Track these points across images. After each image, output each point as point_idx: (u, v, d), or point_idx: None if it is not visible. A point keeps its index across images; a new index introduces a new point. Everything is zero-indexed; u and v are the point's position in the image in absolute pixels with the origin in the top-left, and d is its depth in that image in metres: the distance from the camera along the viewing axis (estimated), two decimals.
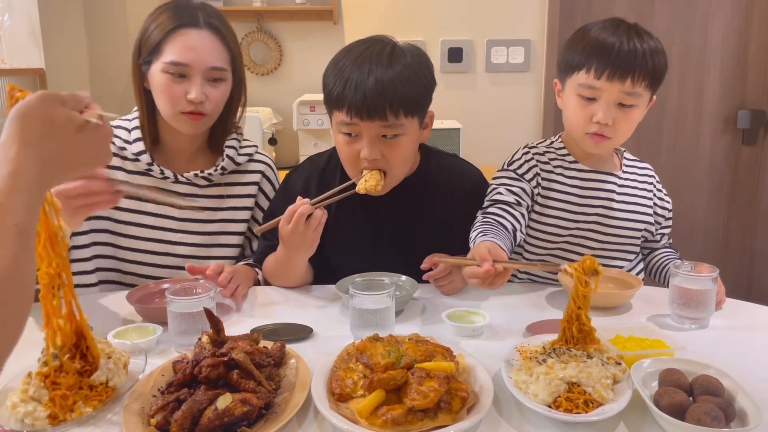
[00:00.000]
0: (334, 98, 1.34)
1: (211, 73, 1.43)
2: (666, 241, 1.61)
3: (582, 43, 1.37)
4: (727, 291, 1.35)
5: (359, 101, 1.30)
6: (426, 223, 1.50)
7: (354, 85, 1.30)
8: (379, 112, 1.30)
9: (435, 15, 2.94)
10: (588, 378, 0.92)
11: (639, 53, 1.32)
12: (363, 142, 1.35)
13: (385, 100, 1.30)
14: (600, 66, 1.33)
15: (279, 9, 2.88)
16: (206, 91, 1.43)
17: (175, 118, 1.45)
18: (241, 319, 1.31)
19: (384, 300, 1.14)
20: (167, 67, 1.41)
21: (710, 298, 1.24)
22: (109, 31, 2.94)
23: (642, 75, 1.33)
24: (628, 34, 1.34)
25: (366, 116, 1.31)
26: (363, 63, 1.32)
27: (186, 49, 1.40)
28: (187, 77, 1.42)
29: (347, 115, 1.32)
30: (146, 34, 1.44)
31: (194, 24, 1.42)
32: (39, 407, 0.89)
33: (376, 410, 0.87)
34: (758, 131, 2.95)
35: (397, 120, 1.32)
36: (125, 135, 1.52)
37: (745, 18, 2.87)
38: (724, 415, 0.85)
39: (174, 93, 1.42)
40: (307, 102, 2.63)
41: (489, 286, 1.15)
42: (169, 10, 1.44)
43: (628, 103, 1.35)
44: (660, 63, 1.35)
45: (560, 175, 1.48)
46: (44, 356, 0.94)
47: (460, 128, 2.64)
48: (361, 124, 1.33)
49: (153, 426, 0.86)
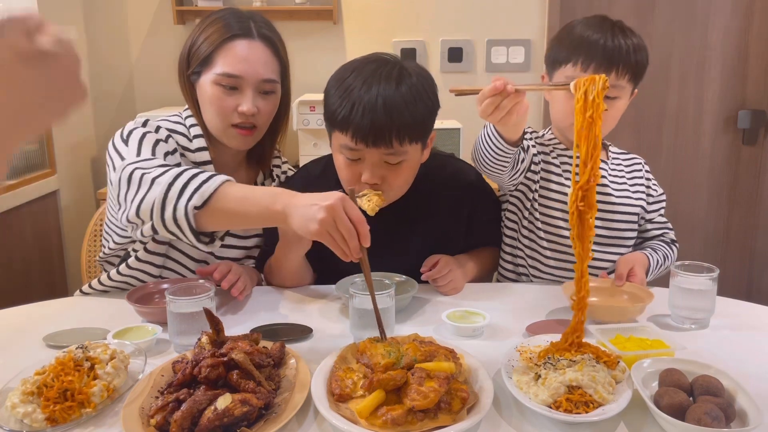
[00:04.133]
0: (339, 120, 1.30)
1: (263, 85, 1.40)
2: (660, 228, 1.60)
3: (569, 38, 1.43)
4: (727, 291, 1.35)
5: (365, 127, 1.26)
6: (424, 223, 1.50)
7: (361, 111, 1.26)
8: (386, 140, 1.28)
9: (435, 15, 2.94)
10: (591, 381, 0.92)
11: (623, 48, 1.38)
12: (364, 165, 1.33)
13: (392, 129, 1.27)
14: (586, 60, 1.39)
15: (279, 9, 2.87)
16: (258, 104, 1.39)
17: (225, 132, 1.41)
18: (241, 319, 1.31)
19: (384, 300, 1.14)
20: (219, 78, 1.36)
21: (710, 298, 1.24)
22: (109, 31, 2.93)
23: (625, 69, 1.39)
24: (612, 30, 1.40)
25: (371, 143, 1.28)
26: (371, 86, 1.28)
27: (238, 61, 1.36)
28: (239, 89, 1.38)
29: (352, 139, 1.29)
30: (196, 45, 1.40)
31: (247, 35, 1.38)
32: (38, 408, 0.89)
33: (376, 410, 0.87)
34: (758, 131, 2.95)
35: (401, 147, 1.30)
36: (184, 141, 1.43)
37: (745, 18, 2.86)
38: (724, 415, 0.85)
39: (225, 105, 1.38)
40: (307, 102, 2.63)
41: (499, 111, 1.14)
42: (220, 20, 1.40)
43: (612, 95, 1.41)
44: (642, 58, 1.42)
45: (555, 159, 1.54)
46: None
47: (460, 128, 2.63)
48: (365, 149, 1.30)
49: (153, 426, 0.86)
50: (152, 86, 2.94)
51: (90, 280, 1.62)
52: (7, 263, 2.30)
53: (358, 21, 2.94)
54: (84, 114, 2.93)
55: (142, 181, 1.22)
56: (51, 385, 0.91)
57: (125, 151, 1.33)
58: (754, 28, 2.87)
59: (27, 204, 2.41)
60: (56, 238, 2.64)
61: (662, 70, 2.93)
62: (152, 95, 2.95)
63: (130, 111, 2.93)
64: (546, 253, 1.53)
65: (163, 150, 1.36)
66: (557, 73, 1.45)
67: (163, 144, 1.38)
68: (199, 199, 1.16)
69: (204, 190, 1.16)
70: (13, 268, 2.33)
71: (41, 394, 0.90)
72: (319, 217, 1.04)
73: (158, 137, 1.38)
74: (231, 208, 1.17)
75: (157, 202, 1.18)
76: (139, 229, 1.24)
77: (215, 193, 1.16)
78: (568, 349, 1.04)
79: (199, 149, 1.42)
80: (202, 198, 1.16)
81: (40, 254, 2.52)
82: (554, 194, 1.51)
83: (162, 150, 1.36)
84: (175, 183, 1.18)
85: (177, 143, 1.41)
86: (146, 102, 2.96)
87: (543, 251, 1.53)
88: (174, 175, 1.19)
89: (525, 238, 1.56)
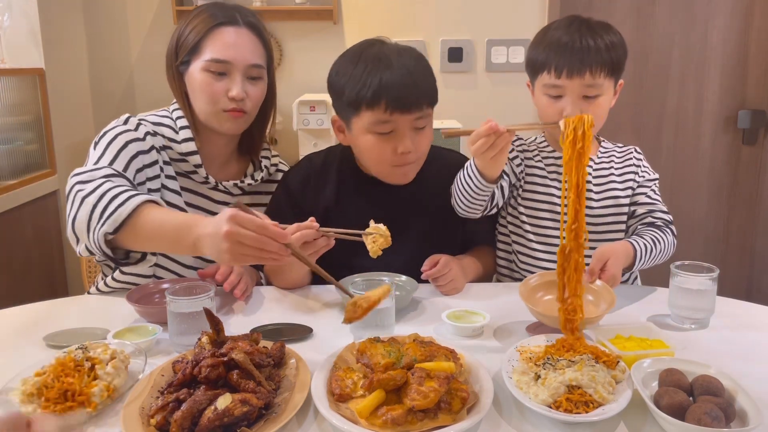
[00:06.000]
0: (370, 96, 1.34)
1: (250, 70, 1.43)
2: (648, 207, 1.53)
3: (542, 44, 1.45)
4: (727, 291, 1.35)
5: (399, 96, 1.34)
6: (430, 215, 1.53)
7: (391, 81, 1.33)
8: (418, 103, 1.37)
9: (435, 15, 2.94)
10: (591, 381, 0.92)
11: (592, 48, 1.39)
12: (397, 136, 1.39)
13: (420, 93, 1.37)
14: (559, 65, 1.40)
15: (279, 9, 2.87)
16: (246, 89, 1.43)
17: (216, 116, 1.43)
18: (241, 319, 1.31)
19: (384, 300, 1.14)
20: (208, 65, 1.40)
21: (710, 298, 1.24)
22: (109, 31, 2.93)
23: (599, 67, 1.40)
24: (579, 31, 1.41)
25: (407, 110, 1.35)
26: (390, 61, 1.36)
27: (226, 47, 1.40)
28: (228, 75, 1.41)
29: (386, 111, 1.35)
30: (182, 36, 1.43)
31: (233, 22, 1.42)
32: (38, 408, 0.89)
33: (376, 410, 0.87)
34: (758, 131, 2.95)
35: (428, 110, 1.41)
36: (170, 133, 1.45)
37: (745, 18, 2.86)
38: (724, 415, 0.85)
39: (214, 90, 1.41)
40: (307, 102, 2.63)
41: (491, 150, 1.22)
42: (204, 11, 1.44)
43: (592, 94, 1.42)
44: (616, 54, 1.42)
45: (540, 162, 1.56)
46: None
47: (459, 128, 2.63)
48: (399, 118, 1.36)
49: (153, 426, 0.86)
50: (152, 86, 2.95)
51: (90, 280, 1.63)
52: (7, 263, 2.30)
53: (358, 21, 2.94)
54: (84, 114, 2.93)
55: (75, 198, 1.23)
56: (51, 386, 0.91)
57: (91, 155, 1.35)
58: (754, 28, 2.87)
59: (27, 204, 2.41)
60: (56, 238, 2.64)
61: (662, 70, 2.93)
62: (152, 95, 2.96)
63: (130, 111, 2.88)
64: (538, 255, 1.54)
65: (134, 150, 1.36)
66: (537, 81, 1.47)
67: (138, 143, 1.38)
68: (111, 226, 1.16)
69: (117, 216, 1.16)
70: (13, 268, 2.33)
71: (41, 395, 0.90)
72: (223, 247, 1.03)
73: (134, 136, 1.38)
74: (146, 235, 1.17)
75: (83, 224, 1.19)
76: (78, 247, 1.26)
77: (129, 218, 1.16)
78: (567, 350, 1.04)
79: (185, 140, 1.44)
80: (114, 224, 1.16)
81: (40, 254, 2.52)
82: (540, 195, 1.53)
83: (131, 152, 1.36)
84: (97, 205, 1.18)
85: (163, 136, 1.43)
86: (146, 102, 2.96)
87: (534, 253, 1.54)
88: (98, 196, 1.19)
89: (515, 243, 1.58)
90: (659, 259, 1.44)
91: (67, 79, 2.76)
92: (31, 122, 2.50)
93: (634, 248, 1.37)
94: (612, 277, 1.26)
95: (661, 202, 1.55)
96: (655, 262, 1.43)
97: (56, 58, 2.63)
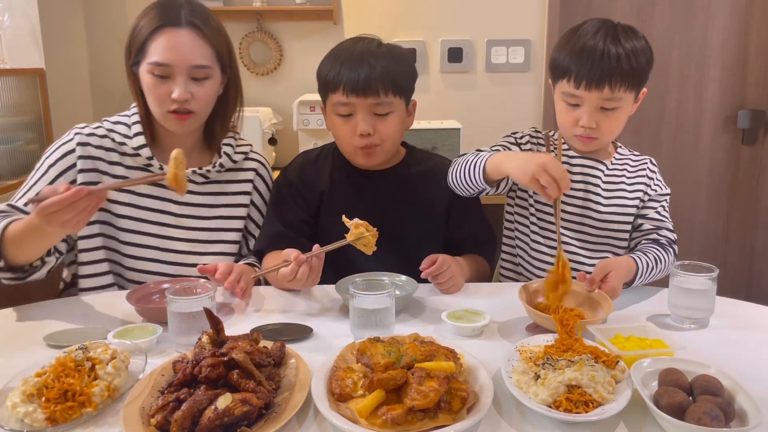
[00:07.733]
0: (331, 81, 1.47)
1: (194, 71, 1.44)
2: (654, 224, 1.53)
3: (567, 47, 1.43)
4: (727, 291, 1.35)
5: (354, 80, 1.44)
6: (414, 208, 1.58)
7: (349, 67, 1.45)
8: (372, 88, 1.44)
9: (435, 15, 2.94)
10: (590, 381, 0.92)
11: (614, 59, 1.36)
12: (357, 118, 1.47)
13: (377, 79, 1.45)
14: (578, 76, 1.39)
15: (279, 9, 2.87)
16: (192, 90, 1.44)
17: (164, 118, 1.47)
18: (241, 319, 1.31)
19: (384, 300, 1.14)
20: (151, 68, 1.42)
21: (710, 298, 1.24)
22: (109, 31, 2.93)
23: (619, 80, 1.37)
24: (605, 39, 1.38)
25: (361, 93, 1.44)
26: (354, 51, 1.48)
27: (167, 49, 1.41)
28: (171, 77, 1.42)
29: (343, 93, 1.45)
30: (134, 33, 1.46)
31: (175, 23, 1.42)
32: (39, 408, 0.89)
33: (376, 410, 0.87)
34: (758, 131, 2.95)
35: (387, 98, 1.47)
36: (125, 130, 1.51)
37: (745, 18, 2.87)
38: (724, 414, 0.85)
39: (160, 93, 1.43)
40: (307, 102, 2.63)
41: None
42: (152, 11, 1.45)
43: (610, 107, 1.41)
44: (640, 63, 1.39)
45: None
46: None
47: (460, 128, 2.63)
48: (356, 101, 1.46)
49: (153, 426, 0.86)
50: None
51: None
52: None
53: (358, 21, 2.93)
54: (84, 114, 2.93)
55: None
56: (51, 386, 0.91)
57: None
58: (754, 28, 2.87)
59: None
60: None
61: (662, 70, 2.93)
62: None
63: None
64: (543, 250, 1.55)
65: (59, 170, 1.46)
66: (557, 86, 1.47)
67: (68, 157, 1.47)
68: None
69: None
70: None
71: (41, 395, 0.90)
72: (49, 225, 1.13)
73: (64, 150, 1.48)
74: (20, 241, 1.25)
75: None
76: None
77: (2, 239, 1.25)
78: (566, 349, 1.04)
79: (136, 134, 1.50)
80: None
81: None
82: None
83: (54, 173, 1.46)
84: None
85: (118, 133, 1.50)
86: None
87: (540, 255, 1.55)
88: None
89: (520, 240, 1.59)
90: (657, 277, 1.45)
91: (67, 79, 2.76)
92: (31, 122, 2.50)
93: (637, 265, 1.38)
94: (612, 289, 1.28)
95: (668, 220, 1.55)
96: (651, 280, 1.44)
97: (56, 58, 2.63)
